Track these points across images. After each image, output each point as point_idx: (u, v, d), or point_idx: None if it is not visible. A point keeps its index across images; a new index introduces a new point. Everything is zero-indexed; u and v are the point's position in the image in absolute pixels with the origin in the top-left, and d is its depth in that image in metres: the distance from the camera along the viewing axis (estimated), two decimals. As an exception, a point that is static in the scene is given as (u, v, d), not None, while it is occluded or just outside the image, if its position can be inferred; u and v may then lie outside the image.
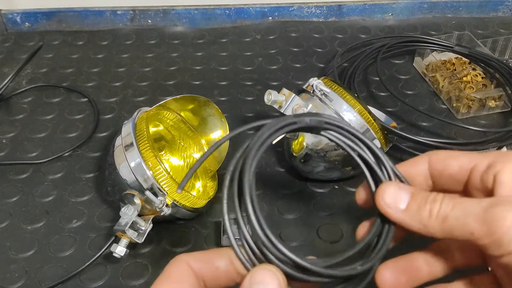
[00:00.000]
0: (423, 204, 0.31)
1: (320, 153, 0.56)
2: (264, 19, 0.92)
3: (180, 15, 0.90)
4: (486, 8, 0.92)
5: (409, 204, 0.31)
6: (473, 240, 0.28)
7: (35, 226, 0.58)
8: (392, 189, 0.32)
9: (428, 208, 0.30)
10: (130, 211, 0.50)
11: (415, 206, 0.31)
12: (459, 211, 0.29)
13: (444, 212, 0.30)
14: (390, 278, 0.34)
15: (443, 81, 0.74)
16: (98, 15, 0.90)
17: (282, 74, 0.80)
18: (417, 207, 0.31)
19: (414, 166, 0.35)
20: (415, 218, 0.31)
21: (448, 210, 0.30)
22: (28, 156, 0.67)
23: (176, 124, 0.62)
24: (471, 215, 0.28)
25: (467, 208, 0.29)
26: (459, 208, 0.29)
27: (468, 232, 0.28)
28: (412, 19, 0.92)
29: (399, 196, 0.31)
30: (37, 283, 0.52)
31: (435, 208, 0.30)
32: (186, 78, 0.79)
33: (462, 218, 0.29)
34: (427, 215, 0.30)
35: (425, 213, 0.30)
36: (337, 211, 0.58)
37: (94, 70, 0.82)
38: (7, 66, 0.83)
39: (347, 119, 0.55)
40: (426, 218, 0.30)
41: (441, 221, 0.30)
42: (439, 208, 0.30)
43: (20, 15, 0.90)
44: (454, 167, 0.33)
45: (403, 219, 0.31)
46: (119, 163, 0.51)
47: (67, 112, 0.73)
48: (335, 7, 0.91)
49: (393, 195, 0.32)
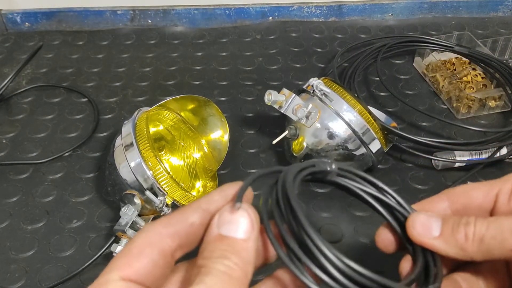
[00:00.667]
0: (456, 228, 0.30)
1: (320, 153, 0.56)
2: (264, 19, 0.92)
3: (180, 15, 0.90)
4: (486, 8, 0.92)
5: (442, 230, 0.30)
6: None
7: (35, 226, 0.58)
8: (422, 217, 0.31)
9: (462, 231, 0.29)
10: (130, 211, 0.50)
11: (449, 230, 0.30)
12: (495, 230, 0.28)
13: (480, 233, 0.29)
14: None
15: (443, 81, 0.74)
16: (98, 15, 0.90)
17: (282, 74, 0.80)
18: (451, 232, 0.30)
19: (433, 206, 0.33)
20: (451, 243, 0.30)
21: (484, 230, 0.29)
22: (28, 156, 0.66)
23: (176, 124, 0.62)
24: (508, 231, 0.28)
25: (503, 225, 0.28)
26: (495, 226, 0.29)
27: (508, 249, 0.28)
28: (412, 19, 0.92)
29: (431, 223, 0.30)
30: (37, 283, 0.52)
31: (470, 230, 0.29)
32: (186, 78, 0.79)
33: (500, 235, 0.28)
34: (463, 238, 0.29)
35: (460, 237, 0.29)
36: (337, 211, 0.58)
37: (94, 70, 0.82)
38: (7, 66, 0.83)
39: (347, 119, 0.55)
40: (462, 242, 0.29)
41: (479, 243, 0.29)
42: (474, 229, 0.29)
43: (20, 15, 0.90)
44: (478, 197, 0.32)
45: (439, 246, 0.30)
46: (119, 163, 0.51)
47: (67, 112, 0.73)
48: (335, 7, 0.91)
49: (424, 223, 0.30)
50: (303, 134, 0.56)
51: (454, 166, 0.63)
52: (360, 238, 0.55)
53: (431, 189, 0.61)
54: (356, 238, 0.55)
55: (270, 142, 0.58)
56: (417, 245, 0.31)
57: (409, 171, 0.63)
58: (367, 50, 0.78)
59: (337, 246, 0.55)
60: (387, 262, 0.53)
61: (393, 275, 0.54)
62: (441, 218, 0.31)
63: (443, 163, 0.62)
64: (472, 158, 0.62)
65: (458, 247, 0.30)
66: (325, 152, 0.56)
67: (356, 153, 0.56)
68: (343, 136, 0.55)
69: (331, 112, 0.55)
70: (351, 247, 0.55)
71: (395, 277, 0.54)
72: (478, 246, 0.29)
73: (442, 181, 0.62)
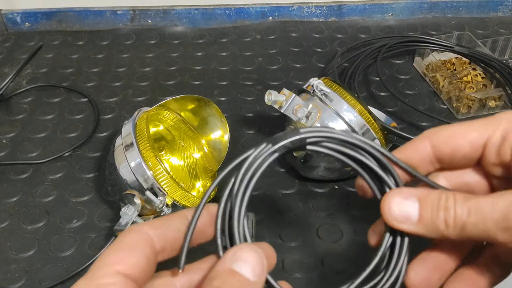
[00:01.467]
0: (436, 213, 0.29)
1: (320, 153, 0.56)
2: (264, 19, 0.92)
3: (180, 15, 0.90)
4: (486, 8, 0.92)
5: (420, 215, 0.29)
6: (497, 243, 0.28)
7: (35, 226, 0.58)
8: (398, 201, 0.30)
9: (442, 217, 0.29)
10: (130, 211, 0.50)
11: (428, 215, 0.29)
12: (476, 217, 0.27)
13: (460, 220, 0.28)
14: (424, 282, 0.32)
15: (443, 81, 0.74)
16: (98, 15, 0.90)
17: (282, 74, 0.80)
18: (430, 217, 0.29)
19: (415, 153, 0.32)
20: (431, 229, 0.29)
21: (465, 217, 0.28)
22: (28, 156, 0.67)
23: (176, 124, 0.62)
24: (490, 221, 0.27)
25: (485, 213, 0.27)
26: (476, 213, 0.28)
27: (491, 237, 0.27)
28: (412, 19, 0.92)
29: (407, 208, 0.29)
30: (37, 283, 0.52)
31: (450, 217, 0.28)
32: (186, 78, 0.79)
33: (482, 224, 0.27)
34: (443, 225, 0.29)
35: (441, 223, 0.29)
36: (337, 211, 0.58)
37: (94, 70, 0.82)
38: (7, 66, 0.83)
39: (347, 119, 0.55)
40: (443, 229, 0.29)
41: (460, 230, 0.28)
42: (454, 215, 0.28)
43: (20, 15, 0.90)
44: (464, 146, 0.31)
45: (418, 231, 0.29)
46: (119, 163, 0.51)
47: (67, 112, 0.73)
48: (335, 7, 0.91)
49: (400, 208, 0.30)
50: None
51: (454, 166, 0.63)
52: (360, 238, 0.55)
53: (431, 189, 0.61)
54: (355, 238, 0.55)
55: (270, 142, 0.58)
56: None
57: (409, 171, 0.63)
58: (367, 50, 0.78)
59: (336, 245, 0.55)
60: (387, 262, 0.53)
61: (393, 275, 0.54)
62: (417, 199, 0.29)
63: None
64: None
65: (438, 233, 0.29)
66: (325, 152, 0.56)
67: (356, 153, 0.56)
68: (343, 136, 0.55)
69: (331, 112, 0.55)
70: (351, 247, 0.55)
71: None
72: (459, 233, 0.28)
73: (442, 181, 0.62)
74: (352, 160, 0.31)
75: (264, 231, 0.56)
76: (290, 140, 0.30)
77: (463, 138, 0.31)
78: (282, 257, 0.54)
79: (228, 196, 0.30)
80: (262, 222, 0.57)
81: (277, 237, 0.56)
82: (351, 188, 0.61)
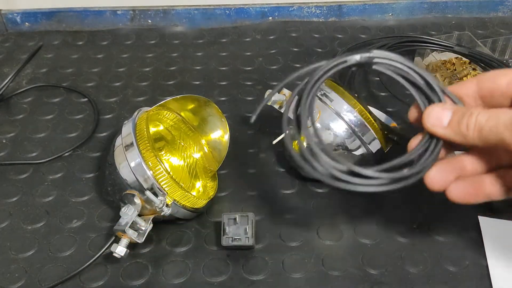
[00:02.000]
0: (461, 119, 0.36)
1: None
2: (264, 19, 0.92)
3: (180, 15, 0.90)
4: (486, 8, 0.92)
5: (450, 121, 0.36)
6: (506, 146, 0.33)
7: (35, 226, 0.58)
8: (436, 110, 0.37)
9: (465, 122, 0.35)
10: (130, 211, 0.50)
11: (456, 121, 0.36)
12: (492, 121, 0.34)
13: (479, 124, 0.35)
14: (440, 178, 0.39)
15: (443, 81, 0.74)
16: (98, 15, 0.90)
17: (282, 74, 0.80)
18: (457, 122, 0.36)
19: (463, 88, 0.38)
20: (456, 132, 0.36)
21: (483, 122, 0.35)
22: (28, 156, 0.67)
23: (176, 124, 0.62)
24: (502, 124, 0.33)
25: (499, 118, 0.34)
26: (493, 119, 0.34)
27: (500, 139, 0.33)
28: (412, 19, 0.92)
29: (443, 115, 0.37)
30: (37, 283, 0.52)
31: (472, 121, 0.35)
32: (186, 78, 0.79)
33: (495, 127, 0.34)
34: (465, 128, 0.35)
35: (463, 127, 0.36)
36: (337, 211, 0.58)
37: (94, 70, 0.82)
38: (7, 66, 0.83)
39: (347, 119, 0.55)
40: (464, 131, 0.36)
41: (478, 132, 0.35)
42: (475, 120, 0.35)
43: (20, 15, 0.90)
44: (502, 84, 0.36)
45: (446, 134, 0.37)
46: (119, 163, 0.51)
47: (67, 112, 0.73)
48: (335, 7, 0.91)
49: (437, 115, 0.37)
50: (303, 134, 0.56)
51: (454, 166, 0.63)
52: (360, 238, 0.55)
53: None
54: (356, 238, 0.55)
55: (270, 142, 0.58)
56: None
57: (409, 171, 0.63)
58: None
59: (336, 246, 0.55)
60: (387, 262, 0.53)
61: (393, 275, 0.54)
62: (452, 110, 0.36)
63: (443, 163, 0.62)
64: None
65: (461, 135, 0.36)
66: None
67: (356, 153, 0.56)
68: (343, 136, 0.55)
69: (331, 112, 0.55)
70: (351, 247, 0.55)
71: (396, 276, 0.54)
72: (478, 135, 0.35)
73: (442, 181, 0.62)
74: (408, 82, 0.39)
75: (264, 231, 0.56)
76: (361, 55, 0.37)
77: (503, 76, 0.37)
78: (282, 257, 0.54)
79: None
80: (262, 222, 0.57)
81: (277, 237, 0.56)
82: (351, 188, 0.61)
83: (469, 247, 0.54)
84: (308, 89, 0.38)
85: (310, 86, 0.38)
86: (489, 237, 0.55)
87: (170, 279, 0.52)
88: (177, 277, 0.52)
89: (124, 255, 0.50)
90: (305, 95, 0.38)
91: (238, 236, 0.52)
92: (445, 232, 0.56)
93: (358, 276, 0.51)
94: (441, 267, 0.52)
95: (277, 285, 0.51)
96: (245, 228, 0.52)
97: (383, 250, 0.54)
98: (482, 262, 0.53)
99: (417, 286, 0.51)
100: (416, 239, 0.55)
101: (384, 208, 0.58)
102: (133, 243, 0.50)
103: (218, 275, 0.52)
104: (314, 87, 0.39)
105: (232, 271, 0.53)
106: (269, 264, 0.53)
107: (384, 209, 0.58)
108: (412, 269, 0.52)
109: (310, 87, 0.38)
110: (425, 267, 0.52)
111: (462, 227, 0.56)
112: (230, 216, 0.53)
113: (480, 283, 0.51)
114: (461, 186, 0.39)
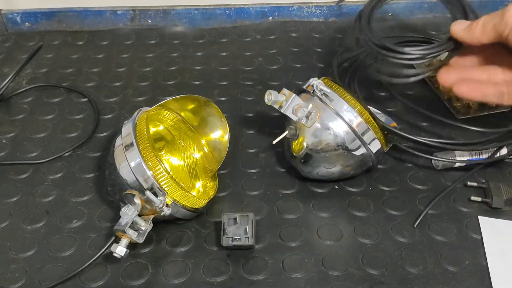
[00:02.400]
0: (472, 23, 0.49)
1: (320, 153, 0.56)
2: (264, 19, 0.92)
3: (180, 15, 0.91)
4: (486, 8, 0.92)
5: (468, 25, 0.50)
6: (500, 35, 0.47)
7: (35, 226, 0.58)
8: (459, 22, 0.52)
9: (475, 22, 0.49)
10: (130, 211, 0.50)
11: (469, 25, 0.50)
12: (492, 18, 0.47)
13: (485, 21, 0.48)
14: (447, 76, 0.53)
15: (443, 81, 0.74)
16: (98, 15, 0.90)
17: (282, 74, 0.80)
18: (470, 26, 0.50)
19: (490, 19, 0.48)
20: (469, 32, 0.49)
21: (489, 19, 0.47)
22: (28, 156, 0.67)
23: (176, 124, 0.62)
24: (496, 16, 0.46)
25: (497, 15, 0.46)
26: (494, 16, 0.47)
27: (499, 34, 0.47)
28: (412, 19, 0.92)
29: (464, 24, 0.51)
30: (37, 283, 0.52)
31: (480, 20, 0.48)
32: (186, 78, 0.79)
33: (491, 19, 0.47)
34: (475, 25, 0.49)
35: (474, 24, 0.49)
36: (337, 211, 0.59)
37: (94, 70, 0.82)
38: (7, 66, 0.83)
39: (347, 119, 0.55)
40: (474, 29, 0.49)
41: (481, 27, 0.48)
42: (483, 19, 0.48)
43: (20, 15, 0.90)
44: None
45: (462, 35, 0.51)
46: (119, 163, 0.51)
47: (67, 112, 0.73)
48: (335, 7, 0.91)
49: (459, 24, 0.51)
50: (303, 134, 0.56)
51: (454, 166, 0.63)
52: (360, 238, 0.55)
53: (430, 189, 0.61)
54: (355, 238, 0.55)
55: (270, 142, 0.58)
56: None
57: (409, 171, 0.63)
58: (367, 50, 0.78)
59: (336, 246, 0.55)
60: (387, 262, 0.53)
61: (393, 275, 0.54)
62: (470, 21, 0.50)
63: (443, 163, 0.62)
64: (472, 158, 0.62)
65: (471, 35, 0.49)
66: (325, 152, 0.56)
67: (356, 153, 0.56)
68: (343, 136, 0.55)
69: (331, 112, 0.55)
70: (351, 247, 0.55)
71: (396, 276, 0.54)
72: (481, 30, 0.48)
73: (442, 181, 0.62)
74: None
75: (264, 231, 0.56)
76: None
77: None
78: (282, 257, 0.54)
79: None
80: (262, 222, 0.57)
81: (277, 237, 0.56)
82: (351, 188, 0.61)
83: (469, 247, 0.54)
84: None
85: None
86: (489, 237, 0.55)
87: (170, 279, 0.52)
88: (177, 277, 0.52)
89: (124, 255, 0.50)
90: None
91: (238, 236, 0.52)
92: (445, 232, 0.56)
93: (358, 276, 0.52)
94: (441, 267, 0.52)
95: (277, 285, 0.51)
96: (245, 228, 0.53)
97: (383, 250, 0.54)
98: (482, 262, 0.53)
99: (417, 286, 0.51)
100: (416, 239, 0.55)
101: (384, 208, 0.58)
102: (133, 243, 0.50)
103: (218, 275, 0.52)
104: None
105: (232, 271, 0.53)
106: (269, 264, 0.53)
107: (384, 209, 0.58)
108: (412, 269, 0.52)
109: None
110: (425, 267, 0.52)
111: (462, 227, 0.56)
112: (230, 216, 0.53)
113: (480, 283, 0.51)
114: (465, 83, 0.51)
